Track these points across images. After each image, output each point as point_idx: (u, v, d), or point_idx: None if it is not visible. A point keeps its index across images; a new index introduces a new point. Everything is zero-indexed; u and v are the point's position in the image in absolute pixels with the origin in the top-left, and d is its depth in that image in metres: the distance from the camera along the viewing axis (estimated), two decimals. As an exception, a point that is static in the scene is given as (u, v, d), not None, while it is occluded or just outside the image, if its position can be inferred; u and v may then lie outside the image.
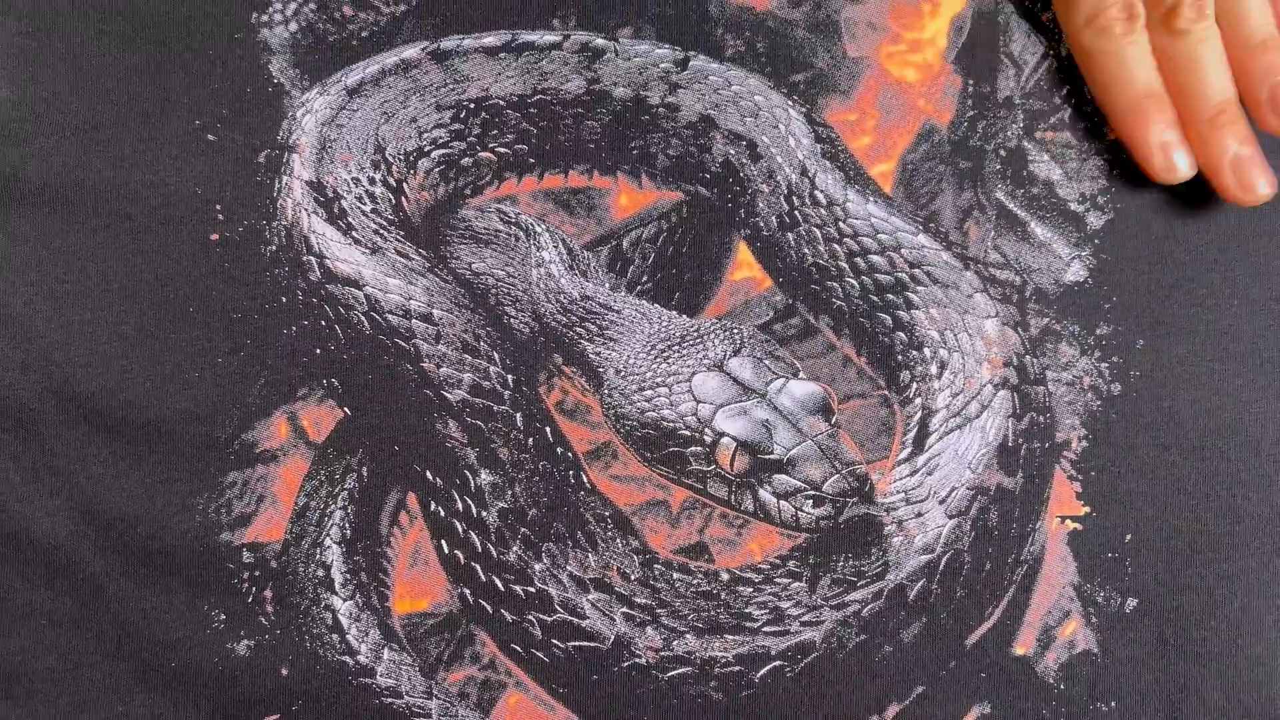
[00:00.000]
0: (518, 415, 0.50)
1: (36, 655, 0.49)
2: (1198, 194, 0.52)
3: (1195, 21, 0.48)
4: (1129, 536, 0.51)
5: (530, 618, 0.49)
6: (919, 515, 0.50)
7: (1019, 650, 0.50)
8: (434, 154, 0.52)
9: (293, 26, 0.52)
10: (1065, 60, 0.53)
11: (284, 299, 0.50)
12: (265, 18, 0.51)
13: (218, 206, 0.50)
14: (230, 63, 0.51)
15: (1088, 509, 0.51)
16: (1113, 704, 0.50)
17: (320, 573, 0.49)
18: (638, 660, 0.49)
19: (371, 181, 0.52)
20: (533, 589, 0.49)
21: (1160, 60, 0.49)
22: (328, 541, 0.50)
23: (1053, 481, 0.51)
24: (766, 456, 0.49)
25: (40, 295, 0.50)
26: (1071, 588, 0.51)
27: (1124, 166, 0.52)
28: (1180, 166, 0.49)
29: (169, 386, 0.49)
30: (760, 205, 0.53)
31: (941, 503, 0.50)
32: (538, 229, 0.52)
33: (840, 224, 0.52)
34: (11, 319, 0.50)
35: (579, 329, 0.52)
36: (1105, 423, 0.51)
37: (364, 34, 0.52)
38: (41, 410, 0.49)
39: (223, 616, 0.49)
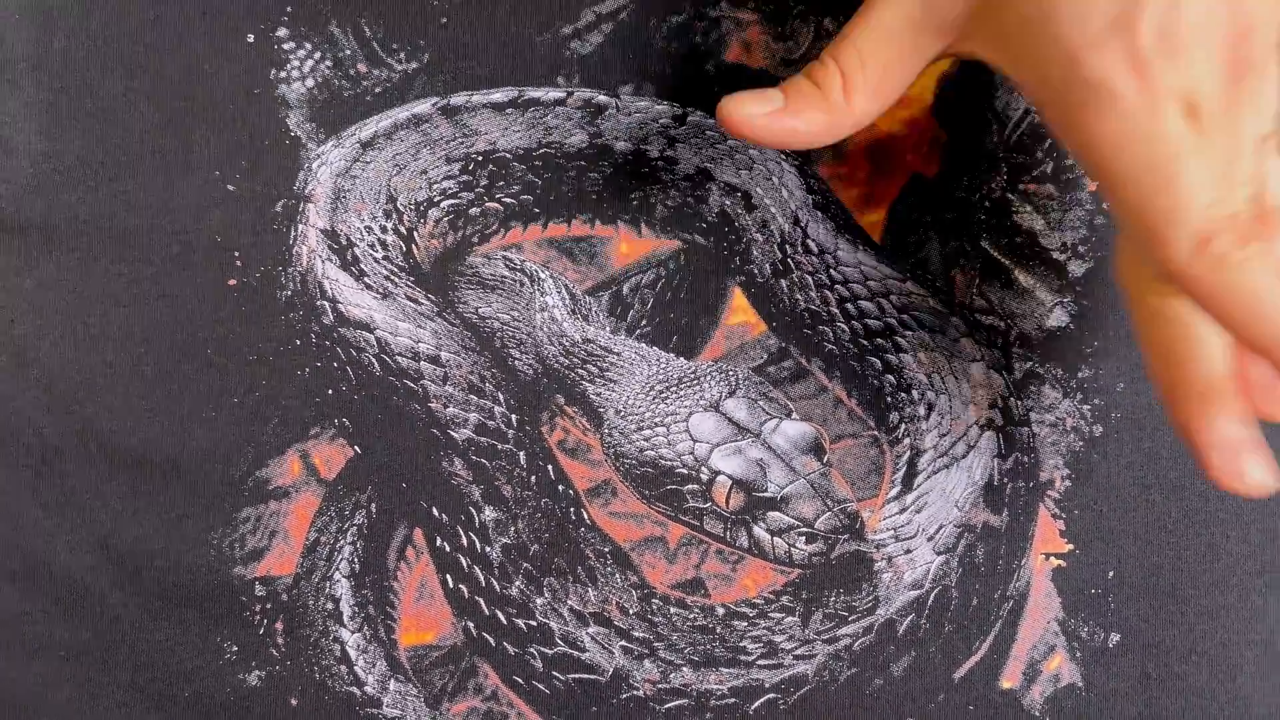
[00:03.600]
0: (521, 454, 0.52)
1: (54, 686, 0.50)
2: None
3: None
4: (1112, 573, 0.52)
5: (532, 650, 0.50)
6: (908, 552, 0.51)
7: (1006, 684, 0.51)
8: (443, 204, 0.54)
9: (309, 83, 0.53)
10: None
11: (298, 342, 0.52)
12: (283, 74, 0.53)
13: (236, 253, 0.52)
14: (249, 117, 0.52)
15: (1071, 546, 0.52)
16: (1097, 737, 0.51)
17: (330, 606, 0.51)
18: (636, 692, 0.50)
19: (383, 230, 0.53)
20: (534, 622, 0.50)
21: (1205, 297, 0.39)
22: (337, 575, 0.51)
23: (1037, 519, 0.52)
24: (761, 494, 0.50)
25: (64, 338, 0.51)
26: (1056, 623, 0.52)
27: (1104, 217, 0.54)
28: None
29: (186, 425, 0.51)
30: (755, 253, 0.54)
31: (930, 540, 0.51)
32: (542, 275, 0.54)
33: (831, 271, 0.54)
34: (36, 360, 0.51)
35: (580, 370, 0.53)
36: (1088, 463, 0.52)
37: (377, 90, 0.54)
38: (63, 448, 0.51)
39: (235, 648, 0.50)
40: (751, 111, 0.43)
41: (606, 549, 0.51)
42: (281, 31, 0.53)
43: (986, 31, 0.41)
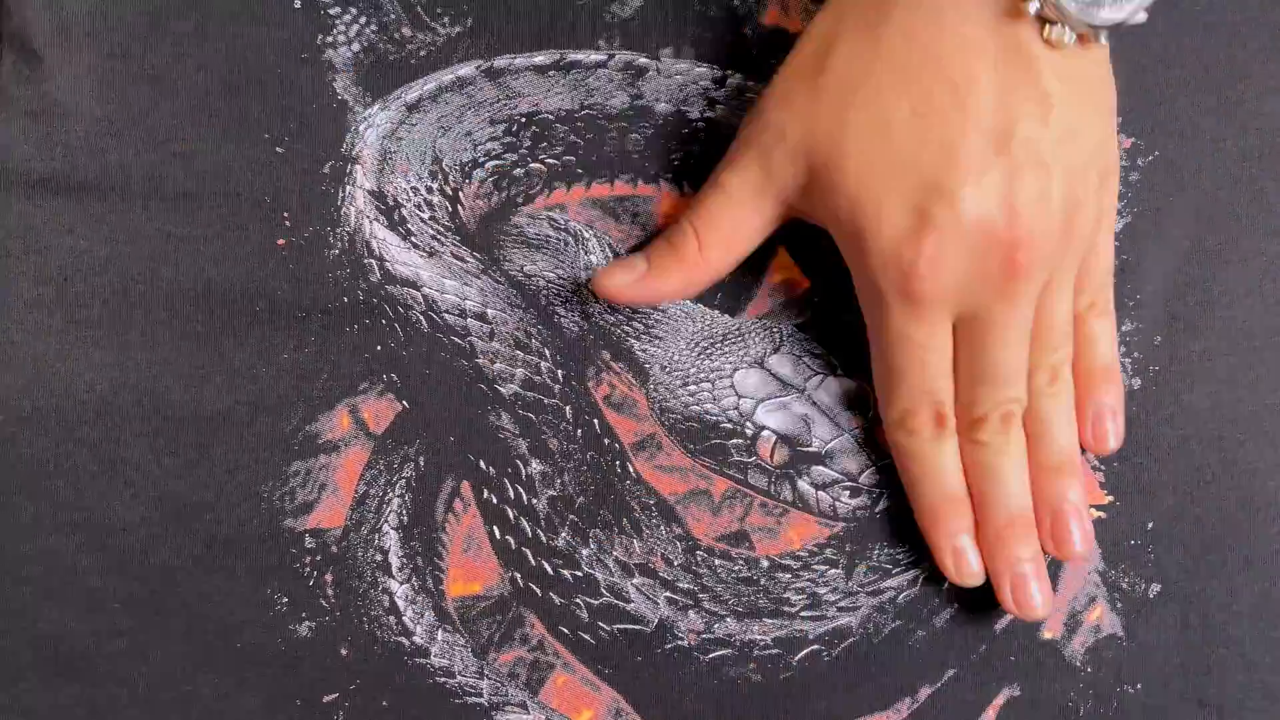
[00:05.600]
0: (567, 408, 0.52)
1: (108, 638, 0.51)
2: (1211, 206, 0.54)
3: (998, 434, 0.48)
4: (1151, 524, 0.52)
5: (578, 601, 0.51)
6: (950, 504, 0.52)
7: (1047, 634, 0.52)
8: (488, 165, 0.55)
9: (355, 47, 0.54)
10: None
11: (346, 299, 0.53)
12: (330, 39, 0.54)
13: (285, 214, 0.53)
14: (298, 81, 0.53)
15: (1111, 498, 0.52)
16: (1139, 686, 0.52)
17: (378, 557, 0.51)
18: (680, 643, 0.51)
19: (429, 190, 0.54)
20: (580, 573, 0.51)
21: (965, 464, 0.49)
22: (386, 528, 0.52)
23: (1077, 472, 0.53)
24: (805, 449, 0.51)
25: (117, 295, 0.52)
26: (1097, 574, 0.52)
27: (1139, 174, 0.54)
28: (970, 573, 0.49)
29: (237, 381, 0.52)
30: (795, 212, 0.55)
31: (971, 492, 0.52)
32: (586, 234, 0.54)
33: (871, 229, 0.54)
34: (90, 319, 0.52)
35: (626, 327, 0.54)
36: (1127, 415, 0.52)
37: (422, 53, 0.55)
38: (117, 403, 0.51)
39: (285, 599, 0.51)
40: (620, 281, 0.50)
41: (651, 501, 0.52)
42: (329, -4, 0.54)
43: (813, 212, 0.48)
